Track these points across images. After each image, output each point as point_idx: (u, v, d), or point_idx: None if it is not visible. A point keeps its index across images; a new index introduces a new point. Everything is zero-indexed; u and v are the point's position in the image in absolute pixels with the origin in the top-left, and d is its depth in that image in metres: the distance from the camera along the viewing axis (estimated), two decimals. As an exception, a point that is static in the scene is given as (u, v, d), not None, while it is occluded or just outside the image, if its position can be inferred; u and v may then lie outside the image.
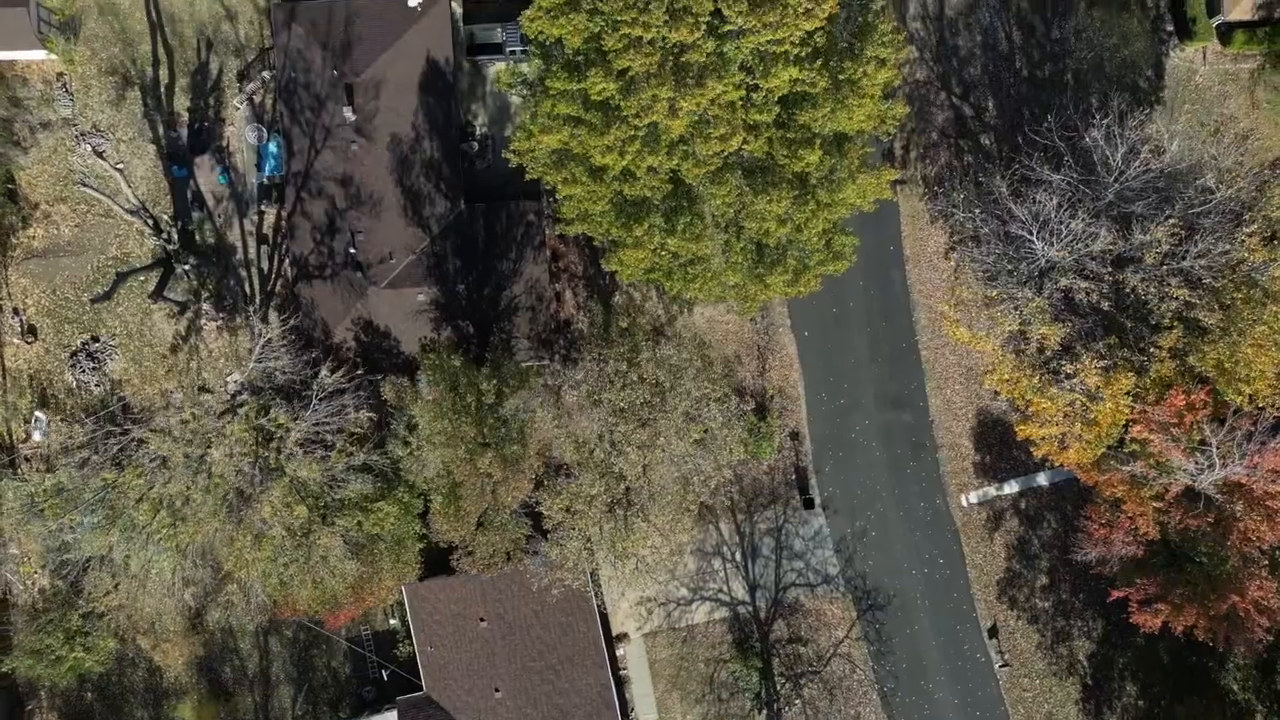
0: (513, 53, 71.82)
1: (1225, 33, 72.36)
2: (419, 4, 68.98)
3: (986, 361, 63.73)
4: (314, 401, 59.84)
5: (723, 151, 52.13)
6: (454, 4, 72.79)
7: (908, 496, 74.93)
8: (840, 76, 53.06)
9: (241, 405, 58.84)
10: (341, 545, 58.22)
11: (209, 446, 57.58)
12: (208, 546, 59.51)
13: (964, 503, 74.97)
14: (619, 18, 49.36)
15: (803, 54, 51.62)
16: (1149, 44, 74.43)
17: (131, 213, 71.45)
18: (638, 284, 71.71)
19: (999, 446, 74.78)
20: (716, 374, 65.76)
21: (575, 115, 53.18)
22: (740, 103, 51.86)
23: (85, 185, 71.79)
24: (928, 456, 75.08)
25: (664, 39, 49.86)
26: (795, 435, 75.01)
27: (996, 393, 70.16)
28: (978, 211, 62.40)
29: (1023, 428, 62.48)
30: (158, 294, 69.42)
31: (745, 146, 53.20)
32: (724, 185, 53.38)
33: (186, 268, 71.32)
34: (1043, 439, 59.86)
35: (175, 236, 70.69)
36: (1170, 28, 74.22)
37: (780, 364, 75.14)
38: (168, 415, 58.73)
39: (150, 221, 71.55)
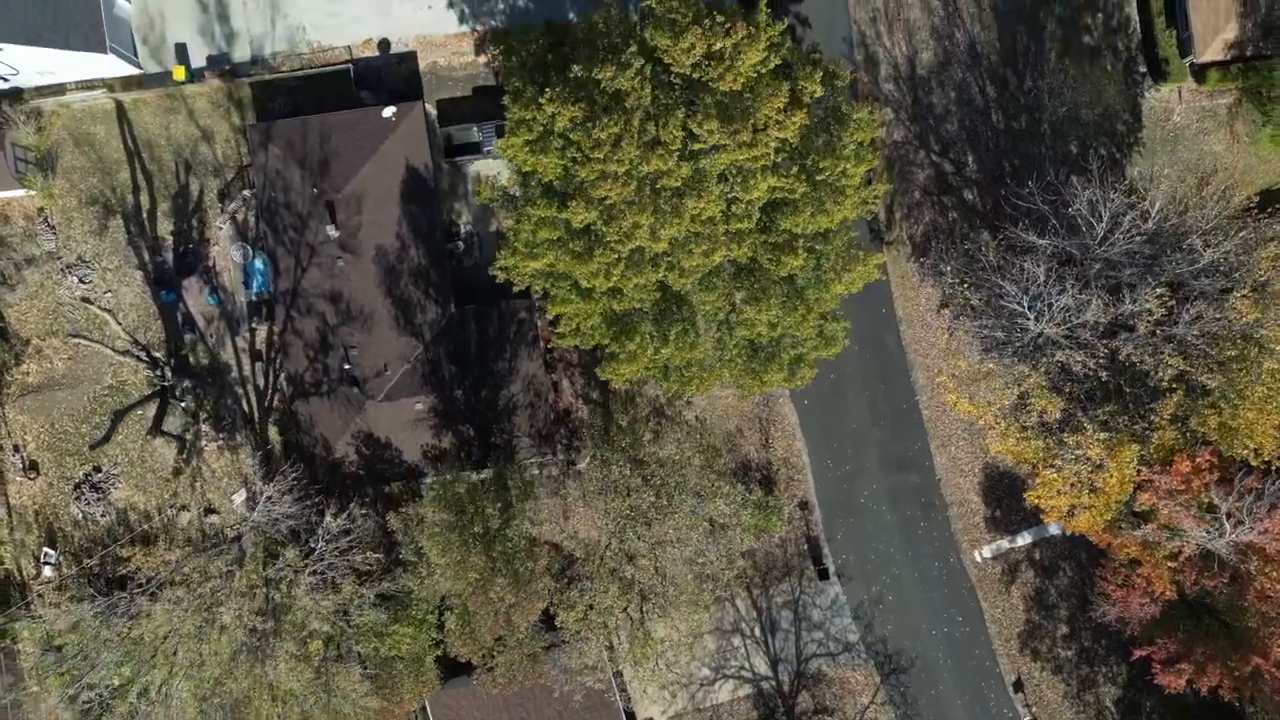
0: (490, 152, 71.89)
1: (1199, 71, 72.39)
2: (393, 114, 69.00)
3: (988, 433, 63.62)
4: (320, 544, 59.74)
5: (707, 265, 52.19)
6: (428, 106, 73.00)
7: (921, 557, 74.82)
8: (819, 178, 53.10)
9: (246, 554, 58.70)
10: (360, 680, 58.10)
11: (218, 606, 57.46)
12: (226, 701, 59.37)
13: (978, 558, 74.86)
14: (591, 154, 49.46)
15: (779, 160, 51.67)
16: (1123, 87, 74.43)
17: (123, 353, 71.47)
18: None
19: (1008, 499, 74.69)
20: (721, 464, 65.72)
21: (559, 238, 53.23)
22: (721, 215, 51.93)
23: (77, 336, 71.85)
24: (938, 515, 74.99)
25: (639, 170, 49.95)
26: (804, 505, 74.90)
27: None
28: (968, 284, 62.35)
29: (1031, 494, 62.42)
30: (156, 429, 69.37)
31: (730, 252, 53.22)
32: (712, 291, 53.37)
33: (184, 400, 71.24)
34: (1051, 508, 59.81)
35: (169, 374, 70.63)
36: (1143, 69, 74.23)
37: (783, 434, 75.05)
38: (174, 589, 58.39)
39: (144, 355, 71.50)
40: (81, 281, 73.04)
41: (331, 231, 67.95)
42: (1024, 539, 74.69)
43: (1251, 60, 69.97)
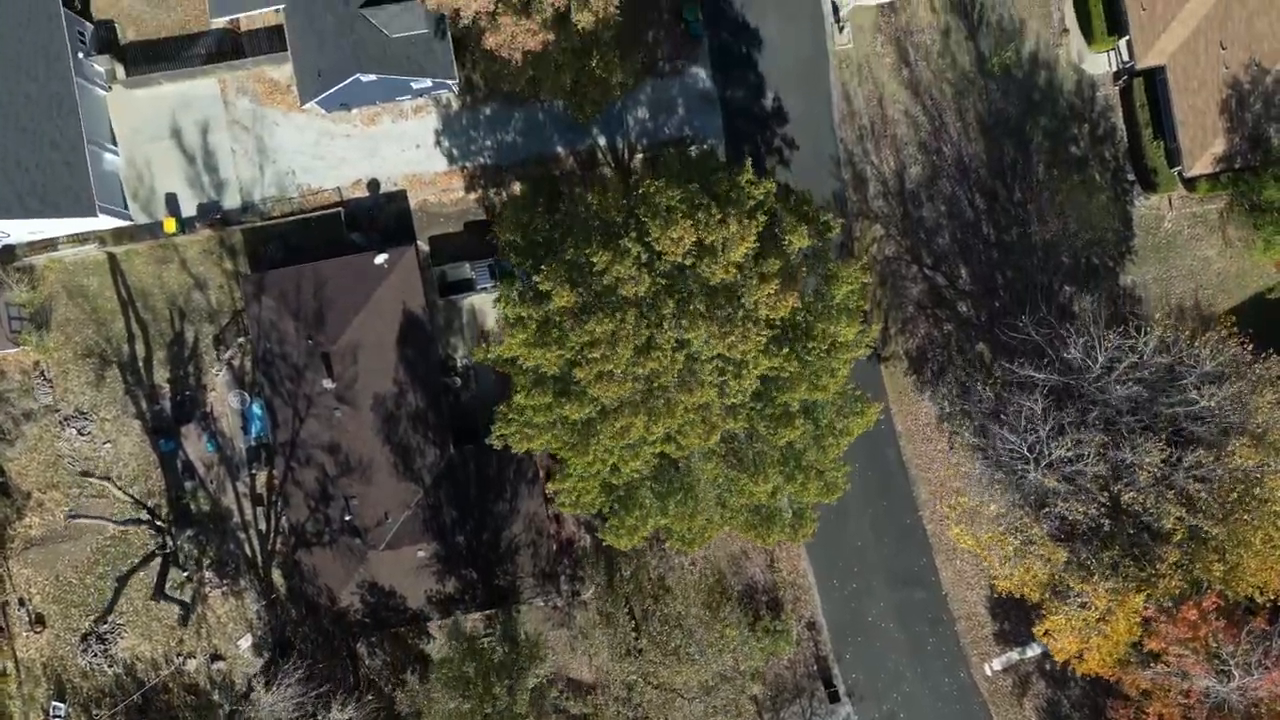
0: (484, 289, 72.05)
1: (1189, 181, 72.39)
2: (385, 260, 69.14)
3: (993, 574, 63.55)
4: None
5: (706, 445, 52.24)
6: (421, 244, 73.19)
7: (931, 673, 74.50)
8: (809, 357, 53.22)
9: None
10: None
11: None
12: None
13: (988, 672, 74.53)
14: (588, 355, 49.57)
15: (770, 338, 51.80)
16: (1112, 195, 74.45)
17: (125, 523, 71.58)
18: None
19: (1016, 610, 74.28)
20: (727, 612, 65.62)
21: (554, 423, 53.29)
22: (716, 394, 51.98)
23: (76, 517, 72.01)
24: (946, 630, 74.70)
25: (634, 371, 50.07)
26: (812, 625, 74.66)
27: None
28: (967, 425, 62.39)
29: (1040, 629, 62.35)
30: (159, 593, 69.39)
31: (727, 425, 53.28)
32: (711, 459, 53.39)
33: (186, 570, 71.43)
34: (1059, 649, 59.66)
35: (170, 540, 70.68)
36: (1131, 178, 74.27)
37: (787, 555, 74.81)
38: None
39: (146, 516, 71.62)
40: (80, 433, 73.11)
41: (328, 384, 68.00)
42: (1034, 650, 74.30)
43: (1240, 171, 69.96)
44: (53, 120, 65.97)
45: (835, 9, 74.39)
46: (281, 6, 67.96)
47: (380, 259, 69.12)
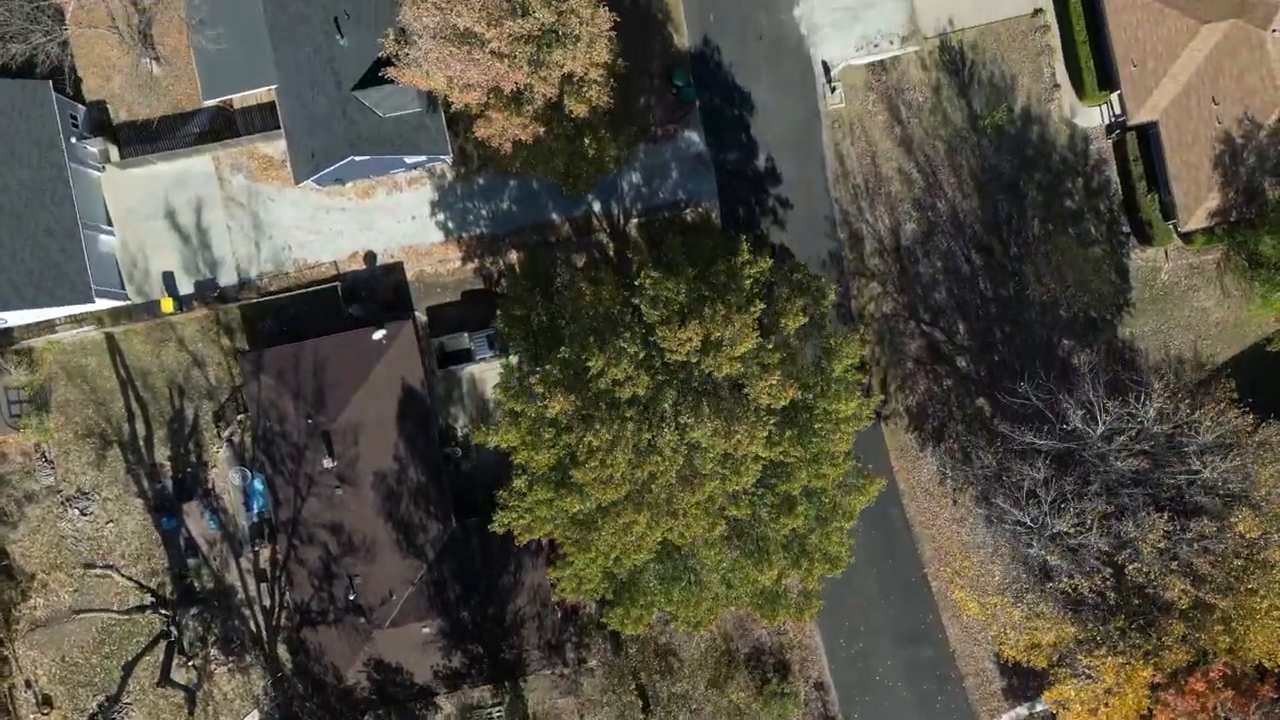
0: (483, 359, 72.03)
1: (1184, 234, 72.34)
2: (383, 336, 69.14)
3: (999, 642, 63.45)
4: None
5: (709, 536, 52.24)
6: (419, 314, 73.22)
7: (940, 731, 74.39)
8: (811, 439, 53.18)
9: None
10: None
11: None
12: None
13: (997, 728, 74.41)
14: (586, 462, 49.57)
15: (771, 425, 51.80)
16: (1108, 249, 74.38)
17: (128, 612, 71.55)
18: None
19: (1024, 666, 73.95)
20: (737, 684, 65.50)
21: (554, 515, 53.28)
22: (718, 492, 52.00)
23: (83, 612, 72.01)
24: (954, 687, 74.46)
25: (634, 474, 50.10)
26: (820, 686, 74.43)
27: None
28: (971, 489, 62.39)
29: (1049, 696, 62.25)
30: (164, 679, 69.31)
31: (729, 511, 53.27)
32: (714, 547, 53.37)
33: (192, 658, 71.38)
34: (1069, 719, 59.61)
35: (175, 628, 70.67)
36: (1127, 229, 74.24)
37: (793, 615, 74.74)
38: None
39: (150, 599, 71.60)
40: (82, 514, 73.12)
41: (328, 464, 67.97)
42: (1042, 705, 74.02)
43: (1236, 224, 69.89)
44: (47, 208, 66.10)
45: (826, 69, 74.49)
46: (273, 87, 68.06)
47: (378, 335, 69.12)
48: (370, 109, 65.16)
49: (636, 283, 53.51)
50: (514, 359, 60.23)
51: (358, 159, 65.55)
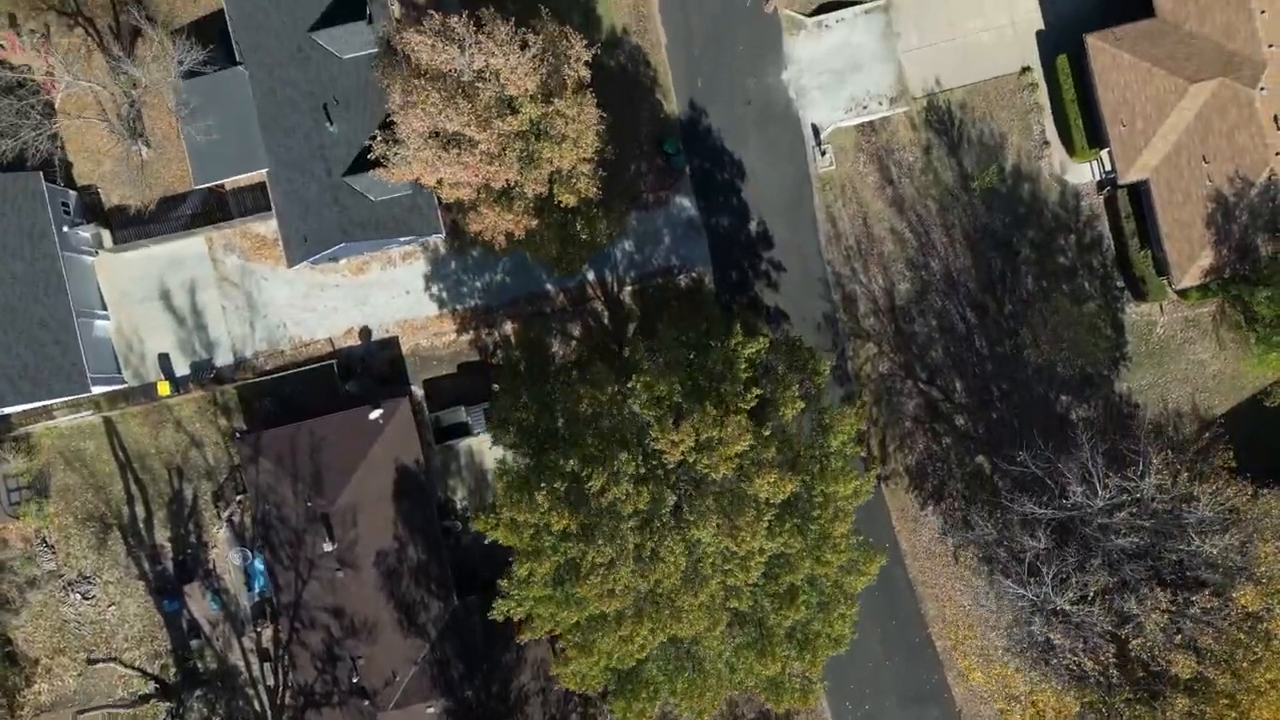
0: (480, 433, 72.01)
1: (1179, 290, 72.24)
2: (380, 416, 69.15)
3: (1004, 711, 63.33)
4: None
5: (713, 633, 52.23)
6: (415, 388, 73.22)
7: (949, 791, 74.16)
8: (811, 527, 53.18)
9: None
10: None
11: None
12: None
13: (1006, 786, 74.13)
14: (589, 577, 49.61)
15: (771, 517, 51.80)
16: (1103, 304, 74.29)
17: (131, 705, 71.54)
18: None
19: (1030, 723, 74.16)
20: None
21: (555, 614, 53.30)
22: (720, 587, 52.00)
23: (86, 710, 72.19)
24: (961, 747, 74.41)
25: (636, 584, 50.13)
26: (826, 750, 74.36)
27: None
28: (973, 551, 62.38)
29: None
30: (170, 769, 69.29)
31: (731, 604, 53.26)
32: (717, 637, 53.30)
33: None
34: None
35: (179, 716, 70.71)
36: (1121, 284, 74.19)
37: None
38: None
39: (155, 688, 71.62)
40: (84, 598, 73.10)
41: (328, 547, 67.93)
42: (1051, 763, 74.03)
43: (1230, 280, 69.76)
44: (40, 300, 66.20)
45: (816, 132, 74.53)
46: (264, 171, 68.16)
47: (375, 414, 69.13)
48: (362, 193, 65.27)
49: (630, 384, 53.32)
50: (509, 456, 60.13)
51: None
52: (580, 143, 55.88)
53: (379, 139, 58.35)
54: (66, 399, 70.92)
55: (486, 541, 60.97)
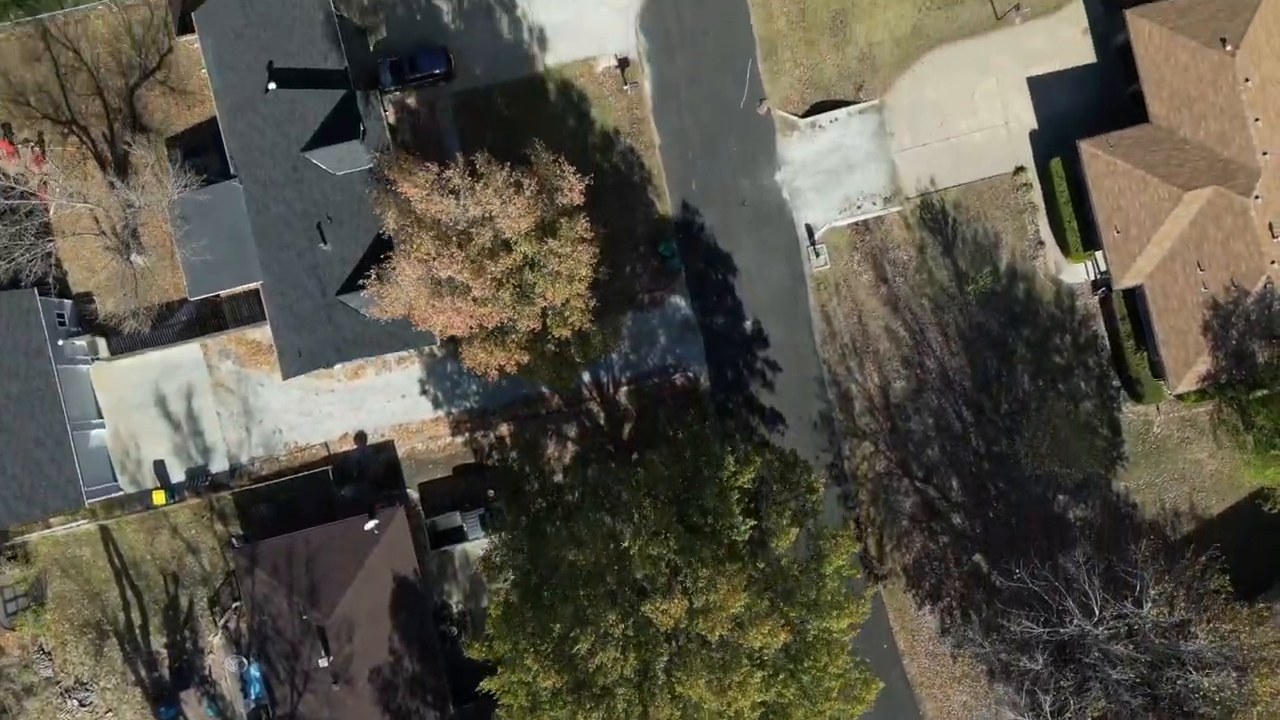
0: (476, 539, 71.93)
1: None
2: (375, 526, 69.06)
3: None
4: None
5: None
6: (410, 491, 73.16)
7: None
8: (804, 677, 53.01)
9: None
10: None
11: None
12: None
13: None
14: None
15: (766, 661, 51.67)
16: (1099, 403, 74.17)
17: None
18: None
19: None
20: None
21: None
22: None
23: None
24: None
25: None
26: None
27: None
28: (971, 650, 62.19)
29: None
30: None
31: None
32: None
33: None
34: None
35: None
36: (1117, 383, 74.04)
37: (797, 779, 74.33)
38: None
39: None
40: (81, 704, 73.01)
41: (324, 662, 67.77)
42: None
43: (1227, 385, 69.59)
44: (36, 418, 66.26)
45: (810, 232, 74.53)
46: (259, 283, 68.19)
47: (370, 525, 69.03)
48: (356, 310, 65.27)
49: (625, 546, 53.08)
50: (501, 585, 60.02)
51: (345, 358, 65.80)
52: (574, 278, 55.86)
53: (372, 277, 58.39)
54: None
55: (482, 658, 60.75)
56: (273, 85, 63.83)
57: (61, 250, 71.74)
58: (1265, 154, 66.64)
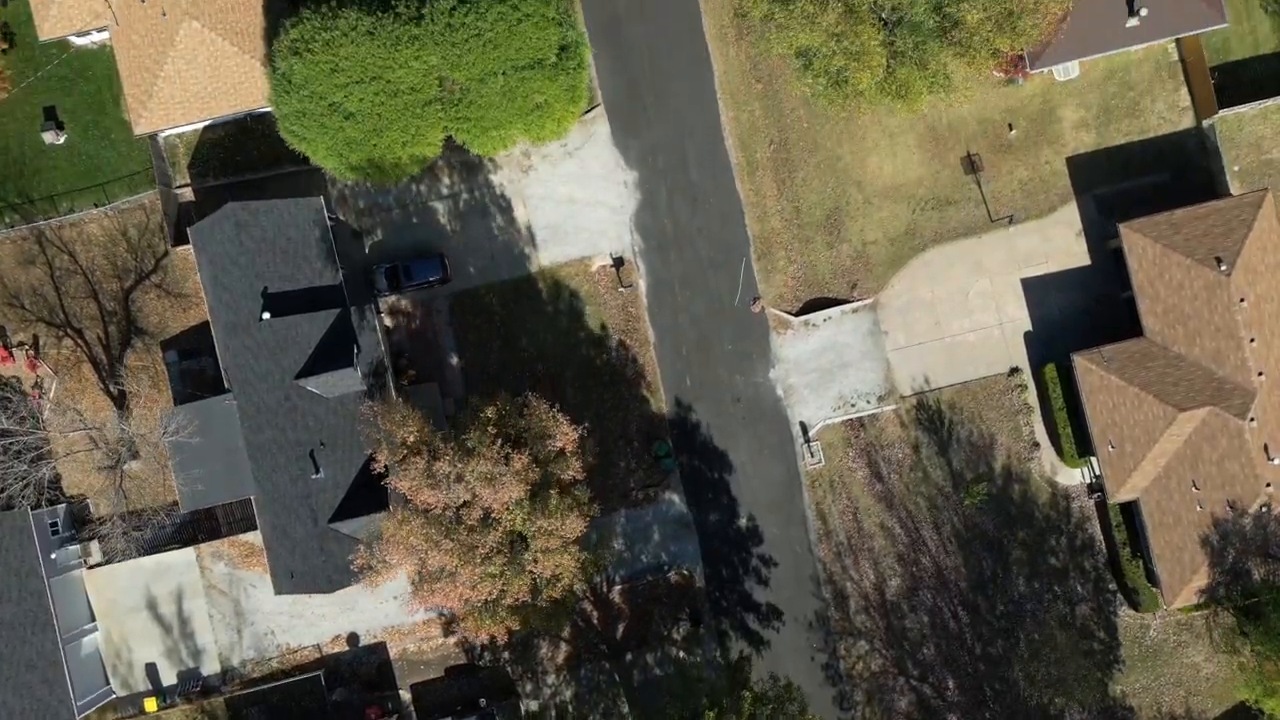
0: (468, 746, 71.69)
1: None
2: (367, 741, 68.82)
3: None
4: None
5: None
6: (403, 693, 72.81)
7: None
8: None
9: None
10: None
11: None
12: None
13: None
14: None
15: None
16: (1095, 605, 73.86)
17: None
18: None
19: None
20: None
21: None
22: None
23: None
24: None
25: None
26: None
27: None
28: None
29: None
30: None
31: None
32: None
33: None
34: None
35: None
36: (1113, 587, 73.74)
37: None
38: None
39: None
40: None
41: None
42: None
43: (1223, 598, 69.31)
44: (29, 640, 66.08)
45: (804, 430, 74.41)
46: (252, 495, 68.07)
47: (365, 738, 68.77)
48: (349, 536, 65.09)
49: None
50: None
51: (336, 580, 65.59)
52: (566, 546, 55.78)
53: (362, 551, 58.31)
54: (53, 715, 70.78)
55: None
56: (266, 315, 63.83)
57: (55, 453, 71.67)
58: (1260, 374, 66.53)
